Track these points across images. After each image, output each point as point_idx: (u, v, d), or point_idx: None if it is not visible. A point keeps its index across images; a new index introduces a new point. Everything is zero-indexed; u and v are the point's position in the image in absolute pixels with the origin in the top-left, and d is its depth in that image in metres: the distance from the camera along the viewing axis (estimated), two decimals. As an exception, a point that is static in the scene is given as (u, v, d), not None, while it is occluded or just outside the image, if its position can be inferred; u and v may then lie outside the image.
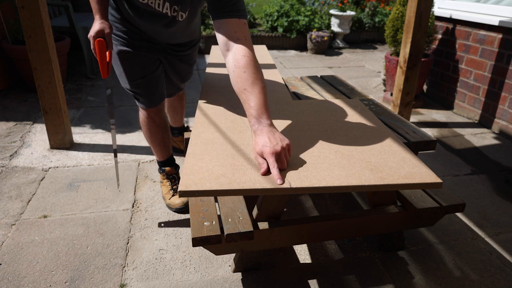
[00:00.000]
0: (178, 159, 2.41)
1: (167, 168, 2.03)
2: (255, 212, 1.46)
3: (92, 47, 1.49)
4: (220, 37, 1.29)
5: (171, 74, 1.89)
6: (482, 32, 3.09)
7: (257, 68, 1.25)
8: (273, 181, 1.10)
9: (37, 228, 1.83)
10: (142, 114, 1.86)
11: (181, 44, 1.80)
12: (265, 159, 1.14)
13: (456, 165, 2.51)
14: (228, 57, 1.29)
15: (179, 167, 2.10)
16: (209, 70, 2.18)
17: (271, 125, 1.20)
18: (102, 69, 1.51)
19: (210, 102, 1.71)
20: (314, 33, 5.45)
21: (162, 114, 1.87)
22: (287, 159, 1.16)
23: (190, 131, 2.50)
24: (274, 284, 1.55)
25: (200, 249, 1.73)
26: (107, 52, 1.50)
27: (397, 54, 3.50)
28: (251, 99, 1.20)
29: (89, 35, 1.48)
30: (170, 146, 2.00)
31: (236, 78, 1.24)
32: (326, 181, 1.10)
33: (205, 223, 1.37)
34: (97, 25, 1.47)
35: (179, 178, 2.05)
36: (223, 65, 2.27)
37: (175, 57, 1.82)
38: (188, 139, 2.05)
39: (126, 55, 1.67)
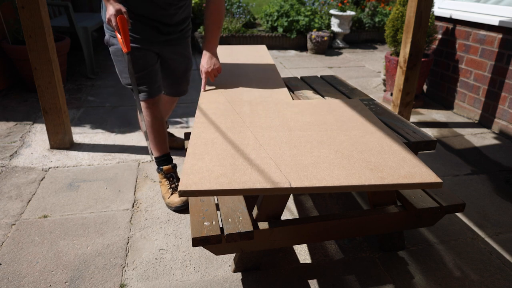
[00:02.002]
0: (178, 159, 2.41)
1: (165, 167, 2.03)
2: (255, 212, 1.46)
3: (114, 24, 1.60)
4: None
5: (176, 61, 1.99)
6: (482, 32, 3.09)
7: (223, 17, 1.87)
8: (273, 181, 1.10)
9: (37, 228, 1.83)
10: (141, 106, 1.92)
11: (180, 22, 1.90)
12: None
13: (456, 165, 2.51)
14: (211, 4, 1.83)
15: (176, 166, 2.10)
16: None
17: (215, 53, 1.87)
18: (126, 43, 1.64)
19: (210, 102, 1.71)
20: (314, 33, 5.45)
21: (159, 107, 1.95)
22: (215, 75, 1.89)
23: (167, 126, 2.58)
24: (274, 284, 1.55)
25: (200, 249, 1.73)
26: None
27: (397, 54, 3.50)
28: (214, 34, 1.86)
29: (108, 16, 1.60)
30: (166, 142, 2.04)
31: (213, 18, 1.84)
32: (326, 181, 1.10)
33: (205, 223, 1.37)
34: (113, 6, 1.59)
35: (177, 177, 2.06)
36: (223, 65, 2.27)
37: (176, 42, 1.94)
38: (188, 137, 2.05)
39: (131, 50, 1.75)
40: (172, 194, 2.00)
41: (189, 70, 2.12)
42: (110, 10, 1.60)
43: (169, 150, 2.07)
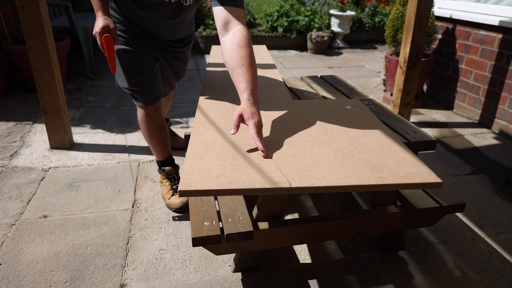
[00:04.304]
0: (178, 159, 2.41)
1: (166, 168, 2.03)
2: (255, 212, 1.46)
3: (99, 43, 1.51)
4: (220, 17, 1.41)
5: (167, 72, 1.92)
6: (482, 32, 3.09)
7: (252, 50, 1.40)
8: (273, 181, 1.10)
9: (37, 228, 1.83)
10: (140, 113, 1.87)
11: (179, 40, 1.84)
12: (242, 123, 1.27)
13: (456, 165, 2.51)
14: (226, 36, 1.40)
15: (178, 167, 2.10)
16: (209, 70, 2.18)
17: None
18: (111, 64, 1.53)
19: (210, 102, 1.71)
20: (314, 33, 5.45)
21: (159, 112, 1.88)
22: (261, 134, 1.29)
23: (171, 123, 2.60)
24: (274, 284, 1.55)
25: (200, 249, 1.73)
26: (114, 47, 1.53)
27: (397, 54, 3.50)
28: (248, 75, 1.33)
29: (94, 32, 1.50)
30: (168, 145, 2.00)
31: (235, 54, 1.35)
32: (326, 181, 1.10)
33: (205, 223, 1.37)
34: (101, 21, 1.49)
35: (178, 178, 2.05)
36: (223, 65, 2.27)
37: (171, 55, 1.86)
38: (188, 138, 2.05)
39: (125, 53, 1.68)
40: (172, 195, 2.00)
41: (183, 77, 2.08)
42: (96, 25, 1.49)
43: (171, 152, 2.05)
